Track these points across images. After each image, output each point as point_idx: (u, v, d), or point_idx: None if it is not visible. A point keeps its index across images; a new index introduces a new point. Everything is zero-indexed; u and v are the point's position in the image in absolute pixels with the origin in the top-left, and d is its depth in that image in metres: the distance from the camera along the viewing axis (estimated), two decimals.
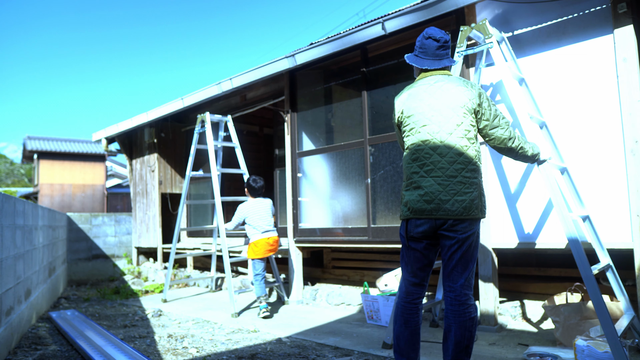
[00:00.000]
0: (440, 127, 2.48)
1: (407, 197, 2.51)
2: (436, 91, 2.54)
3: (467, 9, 3.88)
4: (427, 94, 2.54)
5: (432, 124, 2.49)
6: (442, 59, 2.61)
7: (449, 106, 2.49)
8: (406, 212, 2.51)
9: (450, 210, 2.40)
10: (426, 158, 2.48)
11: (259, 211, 4.85)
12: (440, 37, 2.60)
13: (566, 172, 3.33)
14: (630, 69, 3.11)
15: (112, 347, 3.44)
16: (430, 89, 2.55)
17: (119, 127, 7.99)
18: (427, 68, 2.62)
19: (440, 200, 2.41)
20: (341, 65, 5.23)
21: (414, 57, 2.68)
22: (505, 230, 3.71)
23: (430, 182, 2.44)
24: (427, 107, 2.52)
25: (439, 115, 2.49)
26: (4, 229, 3.40)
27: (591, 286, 2.65)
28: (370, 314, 4.23)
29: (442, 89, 2.54)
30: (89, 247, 8.41)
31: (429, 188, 2.44)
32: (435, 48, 2.61)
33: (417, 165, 2.50)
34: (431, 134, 2.49)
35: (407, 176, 2.55)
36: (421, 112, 2.53)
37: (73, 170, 19.55)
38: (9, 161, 37.33)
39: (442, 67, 2.62)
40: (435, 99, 2.52)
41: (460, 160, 2.45)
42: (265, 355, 3.31)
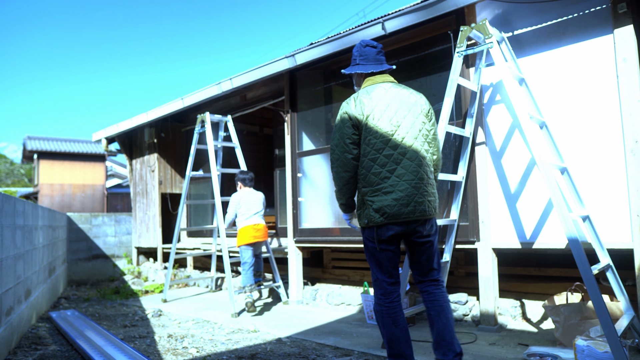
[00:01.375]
0: (407, 133, 2.60)
1: (379, 202, 2.55)
2: (396, 97, 2.65)
3: (467, 9, 3.88)
4: (390, 100, 2.64)
5: (400, 130, 2.60)
6: (383, 64, 2.78)
7: (411, 112, 2.64)
8: (379, 218, 2.55)
9: (425, 211, 2.56)
10: (397, 163, 2.56)
11: (250, 201, 5.03)
12: (377, 44, 2.82)
13: (566, 172, 3.33)
14: (630, 69, 3.11)
15: (112, 347, 3.44)
16: (389, 95, 2.65)
17: (119, 127, 7.99)
18: (373, 71, 2.77)
19: (417, 202, 2.54)
20: (341, 65, 5.23)
21: (356, 66, 2.81)
22: (505, 231, 3.71)
23: (405, 185, 2.54)
24: (393, 113, 2.62)
25: (404, 121, 2.61)
26: (4, 229, 3.40)
27: (591, 286, 2.65)
28: (370, 314, 4.23)
29: (400, 94, 2.66)
30: (89, 247, 8.41)
31: (404, 192, 2.54)
32: (375, 54, 2.79)
33: (386, 170, 2.57)
34: (399, 139, 2.59)
35: (375, 182, 2.57)
36: (388, 118, 2.61)
37: (73, 170, 19.55)
38: (9, 161, 37.33)
39: (385, 71, 2.78)
40: (398, 104, 2.63)
41: (426, 162, 2.62)
42: (265, 355, 3.31)
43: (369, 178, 2.60)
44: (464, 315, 4.08)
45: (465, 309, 4.08)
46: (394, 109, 2.62)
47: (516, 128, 3.67)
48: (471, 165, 3.89)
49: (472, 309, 4.07)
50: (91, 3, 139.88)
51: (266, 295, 5.86)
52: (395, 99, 2.65)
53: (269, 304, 5.39)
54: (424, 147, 2.63)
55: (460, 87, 3.95)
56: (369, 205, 2.58)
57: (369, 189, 2.59)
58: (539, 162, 2.96)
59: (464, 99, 3.96)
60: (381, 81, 2.74)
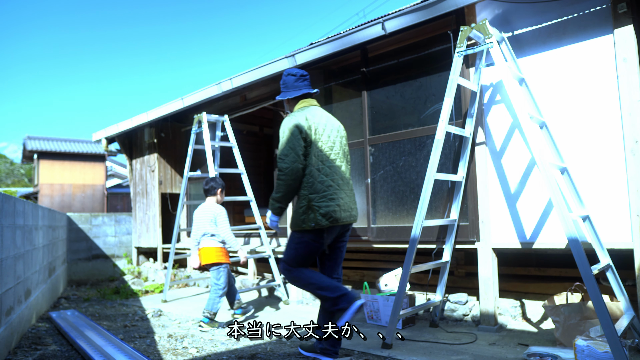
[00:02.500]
0: (339, 150, 3.10)
1: (325, 208, 2.92)
2: (329, 119, 3.12)
3: (467, 9, 3.88)
4: (326, 121, 3.09)
5: (335, 147, 3.07)
6: (301, 89, 3.19)
7: (338, 133, 3.14)
8: (326, 221, 2.93)
9: (355, 217, 3.13)
10: (336, 175, 3.02)
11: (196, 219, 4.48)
12: (296, 73, 3.21)
13: (566, 172, 3.33)
14: (630, 69, 3.11)
15: (112, 347, 3.44)
16: (324, 116, 3.11)
17: (119, 127, 7.99)
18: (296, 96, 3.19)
19: (350, 208, 3.08)
20: (341, 65, 5.23)
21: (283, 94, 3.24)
22: (505, 231, 3.71)
23: (343, 195, 3.03)
24: (329, 132, 3.07)
25: (336, 140, 3.09)
26: (4, 229, 3.40)
27: (591, 286, 2.65)
28: (370, 314, 4.23)
29: (329, 118, 3.15)
30: (89, 247, 8.41)
31: (343, 200, 3.02)
32: (293, 81, 3.20)
33: (330, 180, 2.98)
34: (336, 155, 3.07)
35: (322, 189, 2.94)
36: (328, 135, 3.05)
37: (73, 170, 19.54)
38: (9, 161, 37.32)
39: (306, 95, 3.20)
40: (331, 126, 3.10)
41: (349, 177, 3.16)
42: (266, 355, 3.31)
43: (316, 186, 2.95)
44: (464, 315, 4.08)
45: (465, 309, 4.08)
46: (330, 129, 3.08)
47: (516, 128, 3.67)
48: (471, 165, 3.89)
49: (472, 309, 4.07)
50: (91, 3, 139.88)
51: (266, 294, 5.86)
52: (329, 121, 3.11)
53: (270, 304, 5.39)
54: (347, 164, 3.18)
55: (460, 87, 3.95)
56: (316, 210, 2.93)
57: (316, 196, 2.94)
58: (539, 162, 2.96)
59: (464, 99, 3.96)
60: (314, 104, 3.19)
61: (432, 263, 3.83)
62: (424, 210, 3.46)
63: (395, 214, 4.46)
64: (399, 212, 4.42)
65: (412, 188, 4.32)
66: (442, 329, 3.88)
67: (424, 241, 4.09)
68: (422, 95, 4.46)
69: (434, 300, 3.98)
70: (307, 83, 3.21)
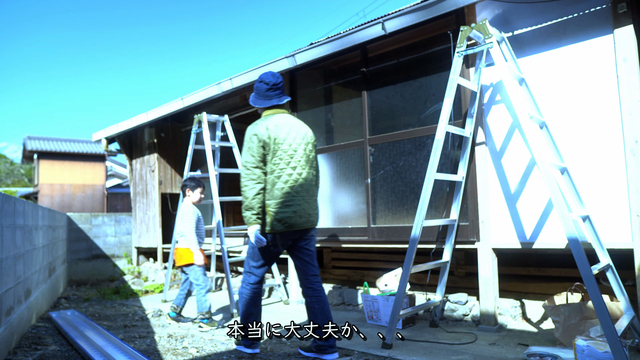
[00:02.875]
0: (301, 157, 3.18)
1: (282, 214, 3.09)
2: (293, 127, 3.20)
3: (467, 9, 3.88)
4: (288, 128, 3.18)
5: (297, 154, 3.16)
6: (271, 99, 3.26)
7: (303, 140, 3.22)
8: (281, 227, 3.10)
9: (313, 222, 3.23)
10: (296, 182, 3.14)
11: None
12: (269, 81, 3.26)
13: (566, 172, 3.33)
14: (630, 69, 3.11)
15: (112, 347, 3.44)
16: (288, 124, 3.20)
17: (119, 127, 7.99)
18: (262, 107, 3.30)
19: (308, 214, 3.18)
20: (341, 65, 5.23)
21: (254, 99, 3.34)
22: (505, 231, 3.71)
23: (301, 201, 3.15)
24: (292, 139, 3.16)
25: (299, 147, 3.18)
26: (4, 229, 3.40)
27: (591, 286, 2.65)
28: (370, 314, 4.23)
29: (295, 125, 3.23)
30: (89, 247, 8.40)
31: (301, 206, 3.14)
32: (265, 90, 3.27)
33: (287, 186, 3.12)
34: (297, 162, 3.16)
35: (278, 196, 3.10)
36: (289, 143, 3.15)
37: (73, 170, 19.54)
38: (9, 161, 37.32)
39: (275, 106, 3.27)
40: (295, 133, 3.19)
41: (314, 184, 3.29)
42: (266, 355, 3.31)
43: (274, 192, 3.10)
44: (464, 315, 4.08)
45: (465, 309, 4.08)
46: (293, 136, 3.17)
47: (516, 128, 3.67)
48: (471, 165, 3.89)
49: (472, 309, 4.07)
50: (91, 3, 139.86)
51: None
52: (293, 128, 3.19)
53: (270, 303, 5.38)
54: (311, 170, 3.25)
55: (460, 87, 3.95)
56: (272, 215, 3.10)
57: (273, 202, 3.10)
58: (539, 162, 2.96)
59: (464, 99, 3.96)
60: (281, 112, 3.27)
61: (432, 263, 3.83)
62: (424, 210, 3.46)
63: (395, 214, 4.46)
64: (399, 212, 4.42)
65: (412, 188, 4.32)
66: (442, 329, 3.88)
67: (424, 241, 4.09)
68: (422, 95, 4.46)
69: (434, 300, 3.98)
70: (279, 92, 3.28)
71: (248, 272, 3.32)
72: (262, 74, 3.34)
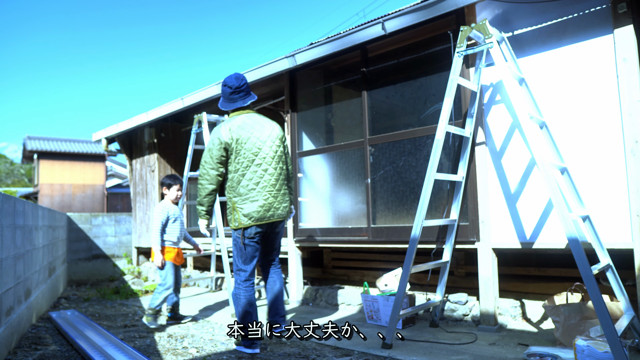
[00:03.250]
0: (267, 154, 3.35)
1: (247, 209, 3.30)
2: (257, 125, 3.39)
3: (467, 9, 3.88)
4: (251, 127, 3.35)
5: (262, 152, 3.34)
6: (235, 102, 3.46)
7: (269, 137, 3.39)
8: (248, 221, 3.31)
9: (281, 215, 3.43)
10: (261, 178, 3.32)
11: None
12: (232, 84, 3.44)
13: (566, 172, 3.33)
14: (630, 69, 3.11)
15: (112, 347, 3.44)
16: (252, 123, 3.38)
17: (119, 127, 7.99)
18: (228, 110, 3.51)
19: (275, 208, 3.39)
20: (341, 65, 5.23)
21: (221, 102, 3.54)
22: (505, 231, 3.71)
23: (267, 195, 3.34)
24: (256, 138, 3.34)
25: (264, 145, 3.35)
26: (4, 229, 3.40)
27: (591, 286, 2.65)
28: (370, 314, 4.23)
29: (259, 123, 3.41)
30: (89, 247, 8.40)
31: (267, 201, 3.34)
32: (228, 94, 3.46)
33: (253, 183, 3.32)
34: (262, 159, 3.33)
35: (244, 192, 3.31)
36: (253, 142, 3.33)
37: (73, 170, 19.54)
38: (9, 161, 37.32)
39: (239, 108, 3.47)
40: (260, 132, 3.36)
41: (281, 177, 3.44)
42: (265, 355, 3.31)
43: (239, 190, 3.31)
44: (464, 315, 4.08)
45: (465, 309, 4.08)
46: (257, 135, 3.34)
47: (516, 128, 3.67)
48: (471, 165, 3.89)
49: (472, 309, 4.07)
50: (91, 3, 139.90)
51: None
52: (256, 127, 3.37)
53: None
54: (279, 165, 3.41)
55: (460, 87, 3.95)
56: (239, 211, 3.31)
57: (239, 199, 3.31)
58: (539, 162, 2.96)
59: (464, 99, 3.96)
60: (246, 112, 3.46)
61: (432, 263, 3.83)
62: (424, 210, 3.46)
63: (395, 214, 4.46)
64: (399, 212, 4.42)
65: (412, 188, 4.32)
66: (442, 329, 3.88)
67: (424, 241, 4.09)
68: (422, 95, 4.46)
69: (434, 300, 3.98)
70: (243, 94, 3.46)
71: (237, 270, 3.46)
72: (226, 77, 3.50)
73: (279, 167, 3.42)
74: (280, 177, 3.42)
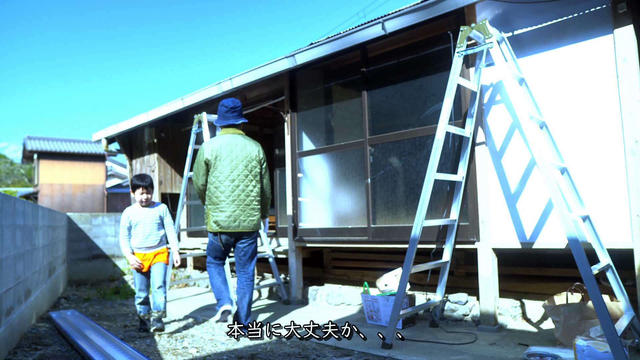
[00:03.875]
0: (241, 172, 3.83)
1: (216, 217, 3.82)
2: (236, 146, 3.85)
3: (467, 9, 3.88)
4: (231, 147, 3.83)
5: (237, 169, 3.81)
6: (229, 120, 3.94)
7: (246, 158, 3.85)
8: (216, 227, 3.83)
9: (246, 227, 3.86)
10: (232, 192, 3.81)
11: None
12: (228, 105, 3.95)
13: (566, 172, 3.33)
14: (630, 69, 3.11)
15: (112, 347, 3.44)
16: (232, 143, 3.85)
17: (119, 127, 7.99)
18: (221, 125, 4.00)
19: (242, 220, 3.84)
20: (341, 65, 5.23)
21: (216, 120, 4.02)
22: (505, 231, 3.71)
23: (234, 208, 3.81)
24: (234, 157, 3.82)
25: (240, 164, 3.82)
26: (4, 229, 3.40)
27: (591, 286, 2.65)
28: (370, 314, 4.23)
29: (239, 145, 3.86)
30: (89, 247, 8.41)
31: (234, 212, 3.81)
32: (224, 112, 3.96)
33: (224, 196, 3.80)
34: (236, 176, 3.81)
35: (216, 202, 3.82)
36: (230, 160, 3.81)
37: (73, 170, 19.55)
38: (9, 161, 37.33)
39: (230, 125, 3.96)
40: (238, 152, 3.84)
41: (253, 195, 3.89)
42: (265, 355, 3.31)
43: (213, 199, 3.83)
44: (464, 315, 4.08)
45: (465, 309, 4.08)
46: (235, 154, 3.82)
47: (516, 128, 3.67)
48: (471, 165, 3.89)
49: (472, 309, 4.07)
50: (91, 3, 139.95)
51: (267, 294, 5.86)
52: (236, 147, 3.83)
53: (270, 303, 5.39)
54: (252, 183, 3.87)
55: (460, 87, 3.95)
56: (211, 217, 3.84)
57: (212, 207, 3.84)
58: (539, 162, 2.96)
59: (464, 99, 3.96)
60: (232, 132, 3.92)
61: (432, 263, 3.83)
62: (424, 210, 3.46)
63: (395, 214, 4.46)
64: (399, 212, 4.42)
65: (412, 188, 4.32)
66: (442, 329, 3.88)
67: (424, 241, 4.09)
68: (422, 95, 4.46)
69: (434, 300, 3.98)
70: (236, 114, 3.95)
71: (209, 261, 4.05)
72: (224, 99, 3.99)
73: (252, 185, 3.88)
74: (251, 193, 3.87)
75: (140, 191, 4.16)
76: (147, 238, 4.16)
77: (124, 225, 4.17)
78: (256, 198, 3.92)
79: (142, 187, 4.16)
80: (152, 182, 4.23)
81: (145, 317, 4.22)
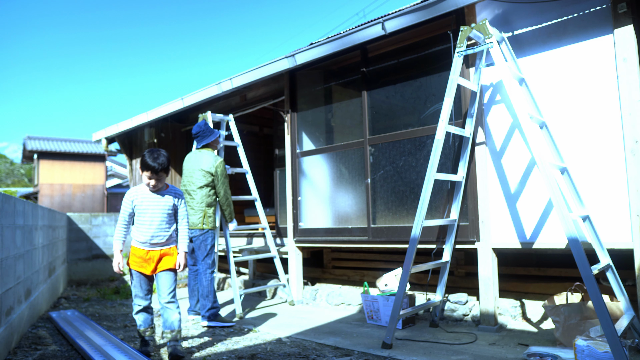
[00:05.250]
0: (194, 182, 4.45)
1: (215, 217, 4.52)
2: (195, 160, 4.50)
3: (467, 9, 3.88)
4: (192, 161, 4.52)
5: (191, 178, 4.47)
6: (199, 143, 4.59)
7: (195, 168, 4.46)
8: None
9: (192, 223, 4.37)
10: (189, 197, 4.45)
11: None
12: (193, 132, 4.60)
13: (566, 172, 3.33)
14: (630, 69, 3.11)
15: (112, 347, 3.44)
16: (193, 158, 4.53)
17: (119, 127, 7.98)
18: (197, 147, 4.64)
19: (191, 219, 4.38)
20: (341, 65, 5.23)
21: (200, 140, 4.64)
22: (505, 230, 3.71)
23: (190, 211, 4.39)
24: (190, 168, 4.50)
25: (194, 174, 4.46)
26: (4, 229, 3.40)
27: (591, 286, 2.65)
28: (370, 314, 4.23)
29: (197, 159, 4.49)
30: (89, 247, 8.40)
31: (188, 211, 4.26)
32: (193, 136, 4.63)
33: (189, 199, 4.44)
34: (188, 184, 4.48)
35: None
36: (188, 170, 4.52)
37: (73, 170, 19.55)
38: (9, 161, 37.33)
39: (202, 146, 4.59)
40: (193, 164, 4.49)
41: (198, 199, 4.43)
42: (265, 355, 3.31)
43: None
44: (464, 315, 4.08)
45: (465, 309, 4.08)
46: (191, 166, 4.49)
47: (516, 128, 3.67)
48: (471, 165, 3.89)
49: (472, 309, 4.07)
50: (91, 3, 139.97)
51: (270, 295, 5.85)
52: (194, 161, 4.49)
53: (275, 304, 5.38)
54: (201, 190, 4.43)
55: (460, 87, 3.95)
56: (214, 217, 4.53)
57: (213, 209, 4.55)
58: (539, 162, 2.96)
59: (464, 99, 3.96)
60: (199, 150, 4.58)
61: (432, 263, 3.83)
62: (424, 210, 3.46)
63: (395, 214, 4.46)
64: (399, 212, 4.42)
65: (412, 188, 4.32)
66: (442, 329, 3.88)
67: (424, 241, 4.09)
68: (422, 95, 4.46)
69: (434, 300, 3.98)
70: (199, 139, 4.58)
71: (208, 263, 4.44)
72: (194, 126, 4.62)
73: (202, 192, 4.43)
74: (196, 197, 4.42)
75: (148, 175, 3.21)
76: (153, 232, 3.23)
77: (125, 210, 3.23)
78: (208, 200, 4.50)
79: (150, 172, 3.20)
80: (166, 164, 3.26)
81: (145, 332, 3.37)
